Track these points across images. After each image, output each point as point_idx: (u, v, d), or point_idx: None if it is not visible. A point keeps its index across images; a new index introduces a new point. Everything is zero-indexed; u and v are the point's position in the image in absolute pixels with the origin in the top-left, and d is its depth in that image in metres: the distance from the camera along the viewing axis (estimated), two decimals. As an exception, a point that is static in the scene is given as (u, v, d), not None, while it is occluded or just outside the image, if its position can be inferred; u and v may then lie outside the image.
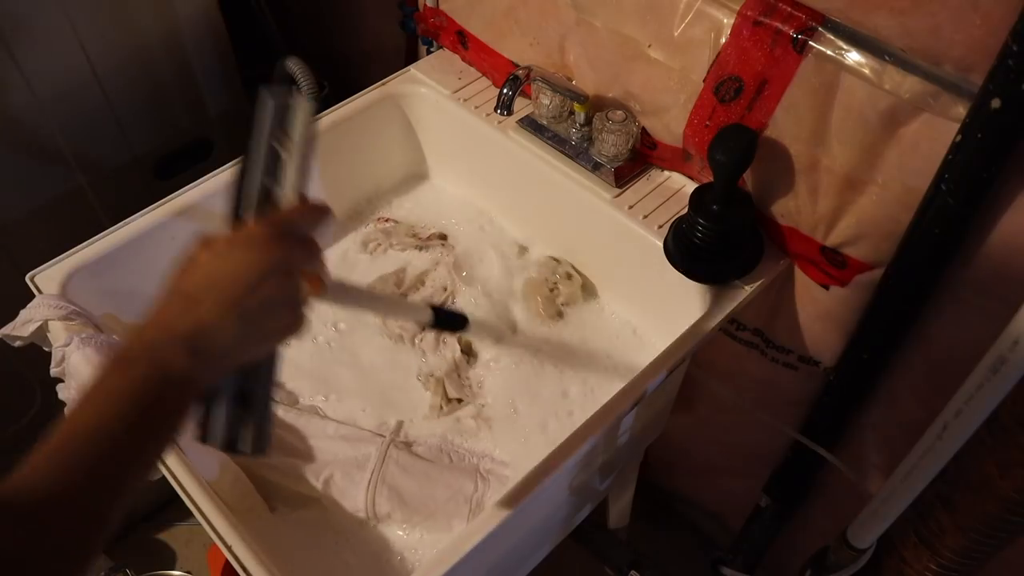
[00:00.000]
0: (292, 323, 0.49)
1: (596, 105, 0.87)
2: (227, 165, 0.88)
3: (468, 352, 0.89)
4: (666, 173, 0.89)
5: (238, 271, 0.46)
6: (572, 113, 0.89)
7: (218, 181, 0.87)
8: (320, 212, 0.52)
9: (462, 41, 1.01)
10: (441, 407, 0.84)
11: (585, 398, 0.86)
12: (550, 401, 0.85)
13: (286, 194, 0.52)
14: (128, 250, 0.82)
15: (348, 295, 0.62)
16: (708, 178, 0.79)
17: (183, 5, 1.01)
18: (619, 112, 0.84)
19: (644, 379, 0.70)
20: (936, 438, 0.62)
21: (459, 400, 0.85)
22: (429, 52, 1.09)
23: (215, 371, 0.46)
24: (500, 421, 0.84)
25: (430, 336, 0.90)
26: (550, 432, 0.83)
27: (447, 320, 0.75)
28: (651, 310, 0.89)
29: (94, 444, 0.40)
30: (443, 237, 1.00)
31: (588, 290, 0.94)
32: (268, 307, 0.46)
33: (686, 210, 0.78)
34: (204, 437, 0.49)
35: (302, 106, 0.53)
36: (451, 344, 0.89)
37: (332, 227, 0.99)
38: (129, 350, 0.44)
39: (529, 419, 0.84)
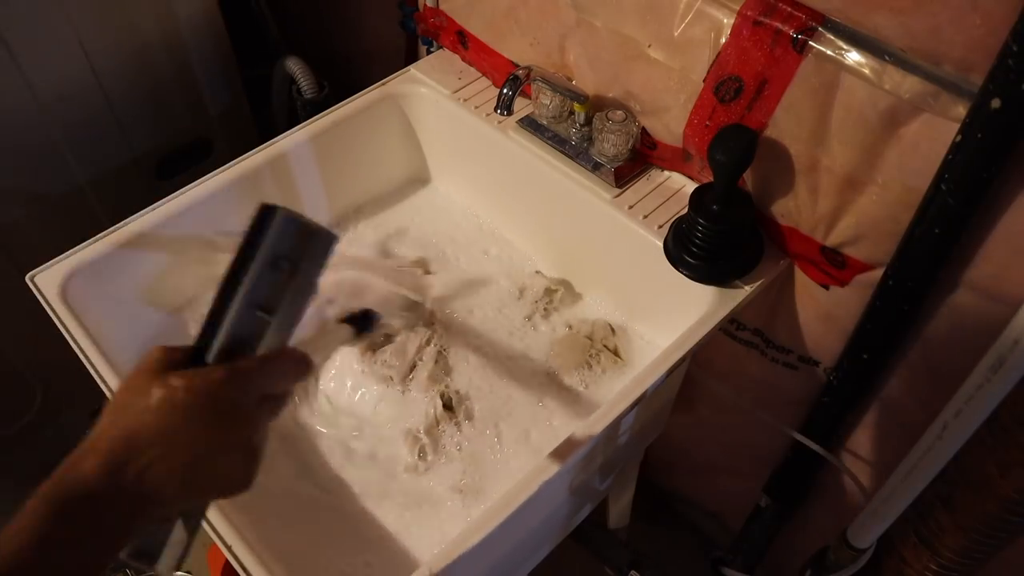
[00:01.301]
0: (241, 483, 0.45)
1: (596, 105, 0.87)
2: (227, 165, 0.88)
3: (449, 407, 0.84)
4: (666, 173, 0.89)
5: (192, 437, 0.42)
6: (572, 113, 0.89)
7: (218, 181, 0.87)
8: (303, 368, 0.47)
9: (462, 41, 1.01)
10: (416, 467, 0.80)
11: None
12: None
13: (271, 338, 0.45)
14: (128, 250, 0.82)
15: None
16: (708, 178, 0.79)
17: (183, 5, 1.01)
18: (619, 112, 0.84)
19: (644, 379, 0.70)
20: (936, 438, 0.62)
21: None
22: (429, 52, 1.09)
23: (153, 518, 0.43)
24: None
25: (421, 376, 0.85)
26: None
27: (363, 324, 0.69)
28: (651, 310, 0.89)
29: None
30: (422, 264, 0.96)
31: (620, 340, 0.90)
32: (220, 478, 0.44)
33: (686, 210, 0.78)
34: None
35: (322, 237, 0.45)
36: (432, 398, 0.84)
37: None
38: (67, 489, 0.40)
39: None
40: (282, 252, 0.44)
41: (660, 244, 0.81)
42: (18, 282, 0.78)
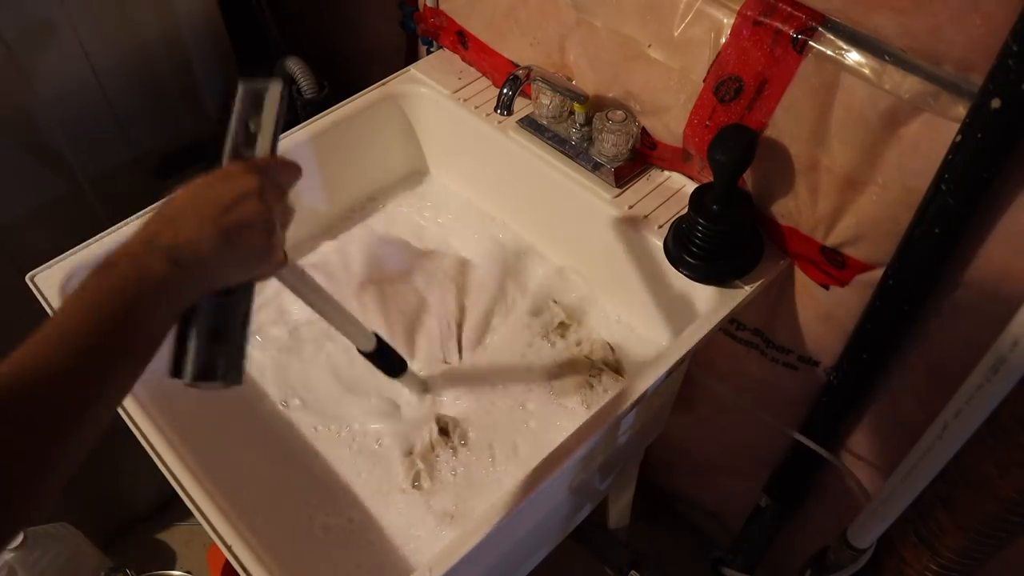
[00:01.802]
0: (267, 247, 0.52)
1: (596, 105, 0.87)
2: (227, 165, 0.88)
3: (446, 432, 0.82)
4: (666, 173, 0.89)
5: (215, 194, 0.49)
6: (572, 113, 0.89)
7: (218, 181, 0.87)
8: (293, 166, 0.56)
9: (462, 41, 1.01)
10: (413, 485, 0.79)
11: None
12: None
13: (260, 154, 0.57)
14: (128, 250, 0.82)
15: (303, 284, 0.64)
16: (708, 178, 0.79)
17: (183, 5, 1.00)
18: (619, 112, 0.84)
19: (644, 379, 0.70)
20: (936, 438, 0.62)
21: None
22: (429, 52, 1.09)
23: (193, 284, 0.48)
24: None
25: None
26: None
27: (384, 358, 0.77)
28: (651, 310, 0.89)
29: (68, 338, 0.41)
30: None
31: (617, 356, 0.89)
32: (244, 226, 0.49)
33: (686, 210, 0.78)
34: (177, 371, 0.50)
35: (272, 89, 0.58)
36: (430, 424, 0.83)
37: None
38: (112, 259, 0.45)
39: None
40: (248, 108, 0.57)
41: (660, 244, 0.81)
42: (18, 282, 0.78)
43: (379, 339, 0.75)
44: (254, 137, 0.57)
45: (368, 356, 0.76)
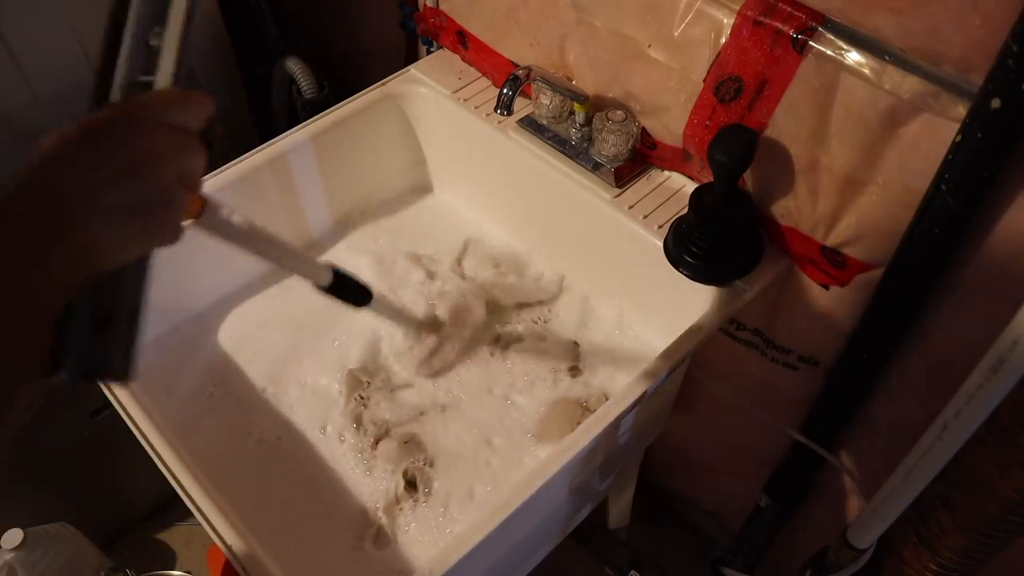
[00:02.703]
0: (158, 224, 0.41)
1: (596, 105, 0.87)
2: (227, 165, 0.88)
3: (413, 486, 0.78)
4: (666, 173, 0.89)
5: (89, 165, 0.39)
6: (572, 113, 0.89)
7: (218, 181, 0.87)
8: (199, 99, 0.44)
9: (462, 41, 1.01)
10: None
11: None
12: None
13: (159, 84, 0.45)
14: (128, 250, 0.82)
15: (234, 230, 0.53)
16: (708, 178, 0.79)
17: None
18: (619, 112, 0.84)
19: (644, 379, 0.70)
20: (936, 438, 0.62)
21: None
22: (429, 52, 1.09)
23: (66, 234, 0.38)
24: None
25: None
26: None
27: (346, 290, 0.67)
28: (651, 310, 0.89)
29: None
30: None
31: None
32: (125, 208, 0.39)
33: (686, 210, 0.78)
34: (53, 369, 0.40)
35: None
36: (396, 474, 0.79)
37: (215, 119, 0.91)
38: None
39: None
40: (146, 15, 0.45)
41: (660, 244, 0.81)
42: (18, 282, 0.78)
43: (336, 271, 0.67)
44: (156, 54, 0.45)
45: (328, 291, 0.68)
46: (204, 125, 0.45)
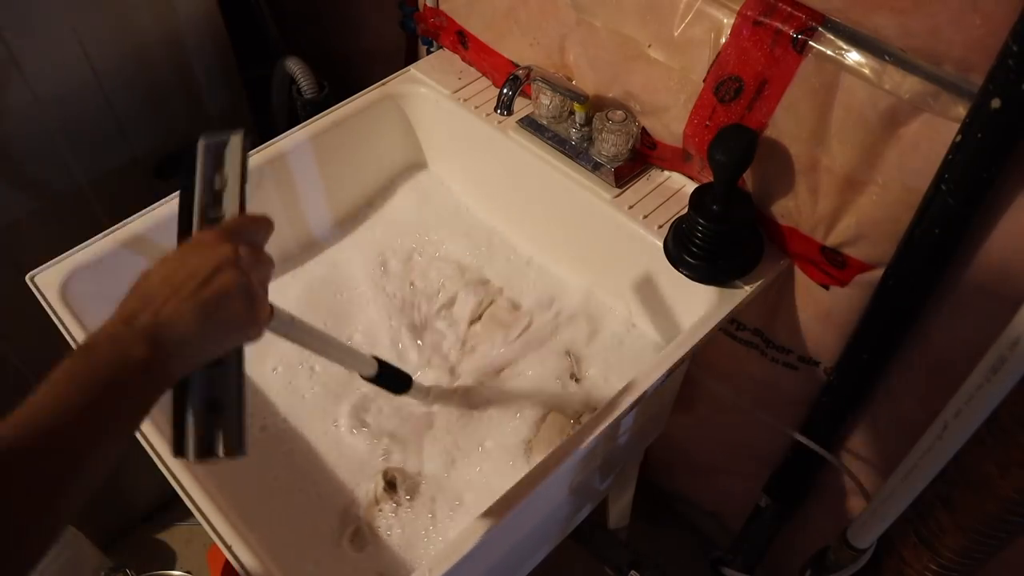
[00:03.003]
0: (250, 314, 0.51)
1: (596, 105, 0.87)
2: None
3: (392, 487, 0.79)
4: (666, 173, 0.89)
5: (191, 268, 0.49)
6: (572, 113, 0.89)
7: (218, 181, 0.87)
8: (263, 222, 0.55)
9: (462, 41, 1.01)
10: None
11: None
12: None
13: (228, 214, 0.56)
14: (128, 250, 0.82)
15: (295, 330, 0.63)
16: (708, 178, 0.79)
17: (183, 5, 1.00)
18: (619, 112, 0.84)
19: (644, 379, 0.70)
20: (936, 438, 0.62)
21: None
22: (429, 52, 1.09)
23: (178, 362, 0.47)
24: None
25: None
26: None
27: (389, 378, 0.76)
28: (651, 310, 0.89)
29: (55, 415, 0.41)
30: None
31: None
32: (223, 297, 0.49)
33: (686, 210, 0.78)
34: (179, 450, 0.50)
35: (234, 141, 0.58)
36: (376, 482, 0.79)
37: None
38: (91, 340, 0.45)
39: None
40: (210, 164, 0.57)
41: (660, 244, 0.81)
42: (18, 282, 0.78)
43: (380, 362, 0.75)
44: (220, 195, 0.56)
45: (372, 380, 0.76)
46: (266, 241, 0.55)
